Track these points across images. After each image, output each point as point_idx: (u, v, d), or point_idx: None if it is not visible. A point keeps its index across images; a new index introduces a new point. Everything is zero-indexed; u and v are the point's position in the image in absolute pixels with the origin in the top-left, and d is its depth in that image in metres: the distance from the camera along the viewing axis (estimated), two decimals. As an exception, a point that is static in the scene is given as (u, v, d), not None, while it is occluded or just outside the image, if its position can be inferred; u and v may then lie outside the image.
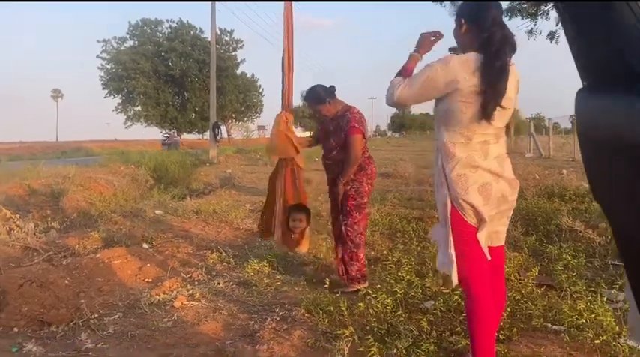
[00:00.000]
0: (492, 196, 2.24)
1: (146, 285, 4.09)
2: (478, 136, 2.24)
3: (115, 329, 3.21)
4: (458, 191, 2.23)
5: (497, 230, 2.40)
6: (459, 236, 2.25)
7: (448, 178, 2.26)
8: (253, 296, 3.77)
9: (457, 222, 2.25)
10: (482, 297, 2.27)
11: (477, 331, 2.27)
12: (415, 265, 4.09)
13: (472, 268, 2.27)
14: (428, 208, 7.01)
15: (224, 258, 4.78)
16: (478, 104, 2.18)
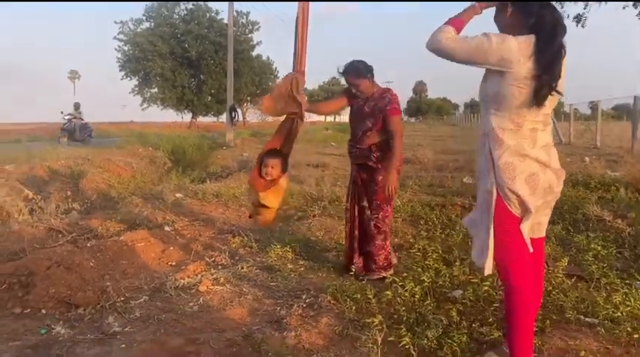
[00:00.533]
0: (539, 186, 2.17)
1: (170, 268, 4.09)
2: (528, 123, 2.17)
3: (142, 313, 3.21)
4: (505, 180, 2.17)
5: (539, 221, 2.33)
6: (501, 226, 2.19)
7: (496, 166, 2.19)
8: (278, 281, 3.76)
9: (501, 211, 2.18)
10: (524, 290, 2.21)
11: (517, 325, 2.21)
12: (441, 252, 4.03)
13: (513, 260, 2.21)
14: (450, 194, 6.92)
15: (246, 242, 4.78)
16: (531, 89, 2.10)
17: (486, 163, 2.24)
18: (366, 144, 3.77)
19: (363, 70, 3.72)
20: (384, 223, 3.79)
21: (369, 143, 3.76)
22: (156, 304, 3.37)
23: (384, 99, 3.72)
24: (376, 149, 3.74)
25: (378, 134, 3.71)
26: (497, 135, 2.20)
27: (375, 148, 3.75)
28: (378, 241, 3.79)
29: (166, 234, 4.93)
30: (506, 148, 2.17)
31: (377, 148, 3.74)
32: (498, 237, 2.22)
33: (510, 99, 2.15)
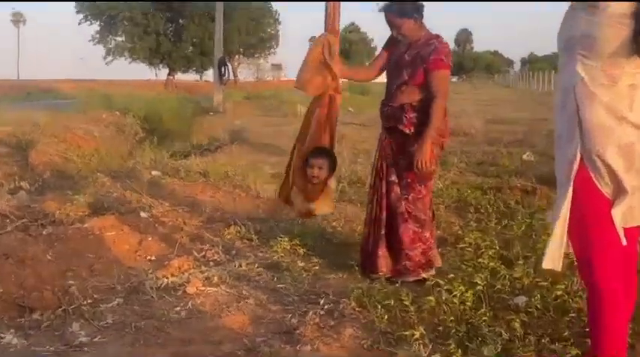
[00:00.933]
0: (636, 160, 2.13)
1: (149, 264, 4.12)
2: (626, 78, 2.13)
3: (115, 319, 3.24)
4: (594, 145, 2.14)
5: (631, 206, 2.29)
6: (585, 208, 2.17)
7: (583, 128, 2.16)
8: (286, 283, 3.78)
9: (585, 187, 2.16)
10: (613, 293, 2.19)
11: (604, 339, 2.20)
12: (498, 248, 4.02)
13: (600, 254, 2.18)
14: (506, 175, 6.90)
15: (244, 234, 4.79)
16: (630, 30, 2.06)
17: (569, 125, 2.20)
18: (398, 102, 3.74)
19: (408, 8, 3.67)
20: (417, 207, 3.77)
21: (402, 101, 3.72)
22: (133, 308, 3.38)
23: (430, 46, 3.67)
24: (410, 109, 3.70)
25: (415, 90, 3.68)
26: (587, 91, 2.16)
27: (409, 107, 3.70)
28: (412, 228, 3.76)
29: (143, 221, 4.95)
30: (598, 106, 2.14)
31: (412, 108, 3.70)
32: (580, 222, 2.19)
33: (603, 44, 2.11)
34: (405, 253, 3.79)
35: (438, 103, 3.60)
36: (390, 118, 3.81)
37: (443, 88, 3.63)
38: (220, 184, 6.68)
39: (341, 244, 4.65)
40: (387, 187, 3.82)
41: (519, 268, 3.59)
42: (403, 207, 3.76)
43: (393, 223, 3.82)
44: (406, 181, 3.75)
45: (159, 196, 5.89)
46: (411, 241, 3.78)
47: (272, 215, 5.54)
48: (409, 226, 3.77)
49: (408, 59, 3.72)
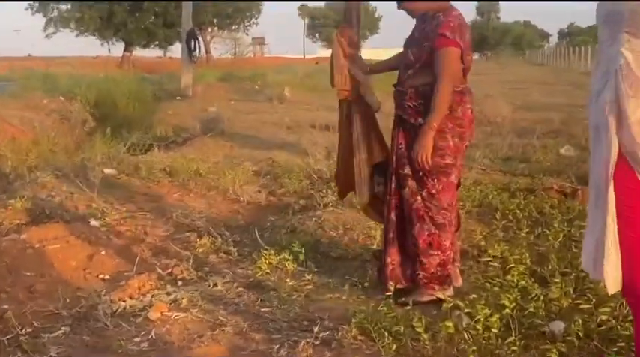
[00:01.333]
0: None
1: (102, 284, 4.12)
2: None
3: (60, 352, 3.23)
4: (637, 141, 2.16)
5: None
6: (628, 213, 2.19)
7: (625, 119, 2.18)
8: (272, 306, 3.79)
9: (628, 187, 2.18)
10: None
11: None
12: (530, 263, 4.04)
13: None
14: (539, 173, 6.93)
15: (220, 245, 4.80)
16: None
17: (608, 115, 2.23)
18: (405, 86, 3.88)
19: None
20: (432, 205, 3.82)
21: (409, 85, 3.85)
22: (82, 338, 3.38)
23: (435, 20, 3.76)
24: (415, 95, 3.80)
25: (422, 72, 3.78)
26: (634, 74, 2.18)
27: (413, 92, 3.81)
28: (427, 230, 3.81)
29: (94, 231, 4.95)
30: None
31: (417, 93, 3.80)
32: (623, 230, 2.22)
33: None
34: (420, 260, 3.84)
35: (439, 86, 3.67)
36: (398, 105, 3.95)
37: (448, 69, 3.69)
38: (190, 184, 6.69)
39: (339, 258, 4.66)
40: (400, 181, 3.92)
41: (555, 288, 3.62)
42: (419, 203, 3.83)
43: (407, 224, 3.90)
44: (418, 175, 3.82)
45: (114, 200, 5.90)
46: (426, 246, 3.82)
47: (254, 222, 5.55)
48: (424, 227, 3.82)
49: (416, 37, 3.88)
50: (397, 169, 3.92)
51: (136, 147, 8.84)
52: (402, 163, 3.89)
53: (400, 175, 3.90)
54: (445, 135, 3.75)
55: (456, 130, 3.79)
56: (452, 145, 3.78)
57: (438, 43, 3.69)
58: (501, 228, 5.08)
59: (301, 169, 7.23)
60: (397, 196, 3.94)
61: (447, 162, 3.79)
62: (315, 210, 5.74)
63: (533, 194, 6.04)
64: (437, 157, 3.75)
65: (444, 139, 3.75)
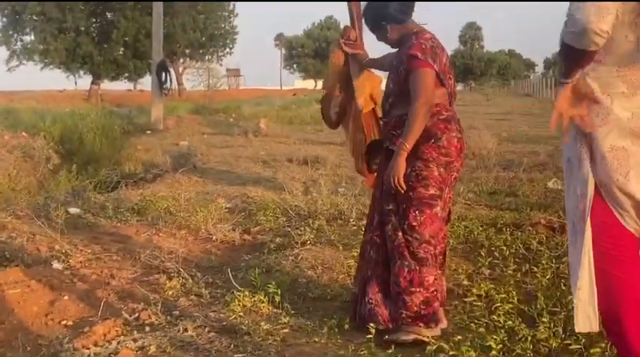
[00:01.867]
0: None
1: (65, 331, 4.06)
2: None
3: (20, 403, 3.19)
4: (612, 174, 2.19)
5: None
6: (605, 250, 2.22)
7: (596, 152, 2.21)
8: (246, 352, 3.74)
9: (605, 224, 2.21)
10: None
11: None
12: (517, 302, 4.05)
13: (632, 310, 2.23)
14: (526, 207, 6.98)
15: (191, 287, 4.77)
16: None
17: (579, 148, 2.26)
18: (389, 116, 3.98)
19: (373, 18, 4.06)
20: (413, 238, 3.81)
21: (395, 114, 3.92)
22: (43, 388, 3.34)
23: (407, 43, 3.87)
24: (398, 124, 3.87)
25: (401, 101, 3.85)
26: (600, 102, 2.22)
27: (396, 122, 3.90)
28: (408, 266, 3.80)
29: (57, 275, 4.91)
30: (614, 123, 2.20)
31: (399, 122, 3.86)
32: (601, 267, 2.24)
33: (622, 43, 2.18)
34: (402, 298, 3.82)
35: (412, 106, 3.71)
36: (385, 137, 4.03)
37: (421, 90, 3.72)
38: (160, 223, 6.66)
39: (318, 299, 4.65)
40: (383, 217, 3.94)
41: (544, 328, 3.62)
42: (400, 239, 3.83)
43: (387, 259, 3.91)
44: (402, 207, 3.84)
45: (78, 241, 5.85)
46: (407, 283, 3.80)
47: (228, 262, 5.53)
48: (405, 263, 3.81)
49: (394, 64, 3.97)
50: (382, 204, 3.94)
51: (102, 184, 8.83)
52: (387, 200, 3.91)
53: (384, 210, 3.92)
54: (429, 164, 3.78)
55: (442, 159, 3.80)
56: (437, 175, 3.80)
57: (411, 64, 3.76)
58: (487, 265, 5.08)
59: (277, 205, 7.23)
60: (379, 232, 3.95)
61: (430, 192, 3.80)
62: (292, 248, 5.73)
63: (521, 229, 6.06)
64: (420, 188, 3.78)
65: (429, 169, 3.78)
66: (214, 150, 13.96)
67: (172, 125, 19.34)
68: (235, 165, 11.62)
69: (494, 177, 9.05)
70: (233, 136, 17.08)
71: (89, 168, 10.81)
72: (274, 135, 17.29)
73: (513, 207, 7.20)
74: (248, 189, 8.73)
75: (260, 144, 15.21)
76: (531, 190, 8.10)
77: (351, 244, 5.74)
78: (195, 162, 11.53)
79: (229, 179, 9.99)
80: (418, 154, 3.79)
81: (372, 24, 4.07)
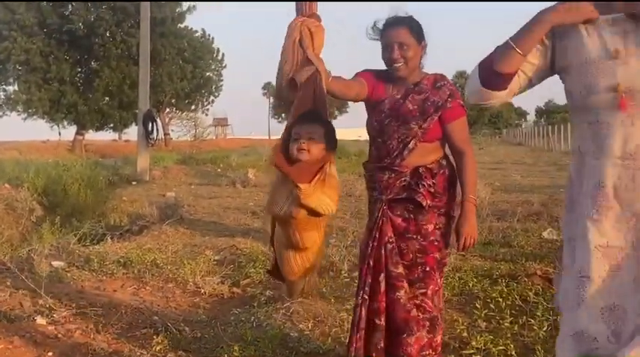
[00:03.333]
0: None
1: (49, 388, 4.02)
2: None
3: None
4: None
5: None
6: None
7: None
8: (237, 410, 3.71)
9: None
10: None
11: None
12: (515, 355, 4.04)
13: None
14: (521, 258, 7.00)
15: (179, 343, 4.72)
16: None
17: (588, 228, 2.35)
18: (409, 164, 3.62)
19: (421, 32, 3.64)
20: (434, 304, 3.66)
21: (415, 163, 3.62)
22: None
23: (442, 89, 3.63)
24: (427, 175, 3.62)
25: (429, 148, 3.64)
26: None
27: (426, 172, 3.62)
28: (423, 334, 3.63)
29: (41, 330, 4.87)
30: None
31: (428, 172, 3.62)
32: None
33: None
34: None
35: (468, 157, 3.62)
36: (397, 189, 3.67)
37: (468, 140, 3.67)
38: (147, 276, 6.63)
39: (310, 354, 4.61)
40: (390, 281, 3.65)
41: (543, 381, 3.62)
42: (414, 307, 3.62)
43: (398, 329, 3.65)
44: (423, 268, 3.63)
45: (62, 296, 5.79)
46: (419, 348, 3.64)
47: (217, 317, 5.49)
48: (423, 333, 3.63)
49: (412, 108, 3.62)
50: (387, 267, 3.64)
51: (87, 237, 8.77)
52: (394, 261, 3.63)
53: (392, 274, 3.63)
54: (450, 221, 3.67)
55: (456, 210, 3.70)
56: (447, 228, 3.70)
57: (458, 112, 3.62)
58: (483, 318, 5.07)
59: (267, 257, 7.19)
60: (385, 298, 3.64)
61: (447, 251, 3.76)
62: (282, 301, 5.69)
63: (516, 281, 6.05)
64: (444, 247, 3.68)
65: (449, 226, 3.68)
66: (202, 201, 13.96)
67: (159, 176, 19.38)
68: (223, 216, 11.62)
69: (487, 227, 9.05)
70: (221, 187, 17.11)
71: (73, 220, 10.75)
72: (263, 185, 17.29)
73: (508, 258, 7.21)
74: (237, 240, 8.71)
75: (249, 194, 15.23)
76: (526, 241, 8.13)
77: (343, 297, 5.73)
78: (182, 213, 11.52)
79: (217, 230, 9.97)
80: (442, 208, 3.63)
81: (417, 35, 3.60)
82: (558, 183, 16.02)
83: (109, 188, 15.47)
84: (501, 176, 18.95)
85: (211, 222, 10.96)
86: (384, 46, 3.61)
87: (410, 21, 3.62)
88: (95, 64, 40.51)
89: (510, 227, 9.10)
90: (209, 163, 23.69)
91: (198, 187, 17.48)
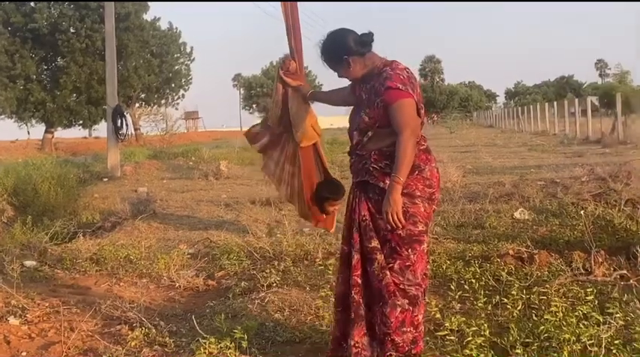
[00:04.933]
0: None
1: (24, 388, 3.99)
2: None
3: None
4: None
5: None
6: None
7: None
8: (214, 401, 3.71)
9: None
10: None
11: None
12: (489, 335, 4.06)
13: None
14: (494, 239, 7.06)
15: (155, 337, 4.71)
16: None
17: None
18: (365, 149, 3.86)
19: (333, 54, 3.98)
20: (406, 278, 3.77)
21: (369, 148, 3.84)
22: None
23: (382, 76, 3.80)
24: (380, 157, 3.80)
25: (383, 133, 3.80)
26: None
27: (377, 154, 3.81)
28: (400, 306, 3.75)
29: (14, 330, 4.84)
30: None
31: (381, 154, 3.81)
32: None
33: None
34: (391, 339, 3.75)
35: (402, 138, 3.66)
36: (359, 171, 3.91)
37: (407, 121, 3.70)
38: (120, 272, 6.62)
39: (286, 343, 4.62)
40: (367, 255, 3.84)
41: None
42: (389, 278, 3.75)
43: (375, 300, 3.80)
44: (390, 245, 3.78)
45: (35, 295, 5.76)
46: (398, 323, 3.74)
47: (192, 309, 5.50)
48: (397, 303, 3.74)
49: (364, 97, 3.89)
50: (362, 242, 3.84)
51: (59, 236, 8.71)
52: (368, 236, 3.82)
53: (366, 248, 3.82)
54: (415, 199, 3.75)
55: (426, 191, 3.79)
56: (422, 211, 3.78)
57: (392, 95, 3.70)
58: (457, 299, 5.10)
59: (242, 249, 7.21)
60: (360, 272, 3.83)
61: (419, 229, 3.77)
62: (258, 291, 5.70)
63: (489, 261, 6.11)
64: (410, 225, 3.73)
65: (415, 205, 3.75)
66: (174, 195, 13.90)
67: (130, 171, 19.24)
68: (197, 209, 11.57)
69: (460, 210, 9.12)
70: (193, 180, 17.04)
71: (45, 219, 10.64)
72: (236, 177, 17.30)
73: (481, 239, 7.28)
74: (211, 233, 8.69)
75: (221, 187, 15.20)
76: (498, 222, 8.18)
77: (318, 284, 5.75)
78: (154, 208, 11.45)
79: (191, 224, 9.94)
80: (404, 189, 3.71)
81: (333, 60, 3.99)
82: (529, 163, 16.23)
83: (79, 186, 15.34)
84: (473, 159, 19.06)
85: (184, 216, 10.92)
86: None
87: (322, 51, 4.07)
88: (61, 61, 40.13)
89: (482, 209, 9.15)
90: (181, 156, 23.57)
91: (170, 181, 17.40)
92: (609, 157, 17.09)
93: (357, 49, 3.89)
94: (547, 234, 7.18)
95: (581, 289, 4.97)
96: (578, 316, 4.16)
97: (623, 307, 4.43)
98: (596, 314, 4.17)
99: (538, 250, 6.27)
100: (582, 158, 17.64)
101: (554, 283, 5.20)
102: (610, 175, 9.57)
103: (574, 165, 14.26)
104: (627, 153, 17.21)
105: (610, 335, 3.85)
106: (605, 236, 6.63)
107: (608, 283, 5.47)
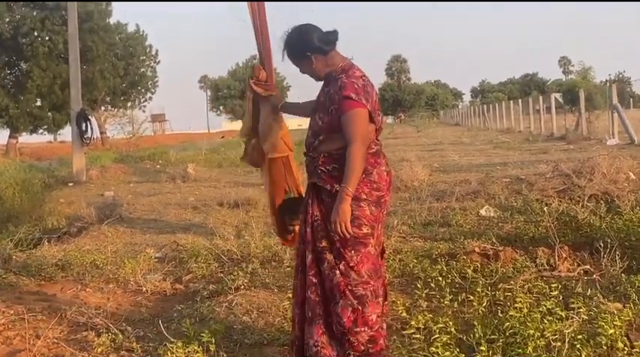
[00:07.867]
0: None
1: (-11, 398, 3.95)
2: None
3: None
4: None
5: None
6: None
7: None
8: (182, 405, 3.70)
9: None
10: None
11: None
12: (455, 332, 4.11)
13: None
14: (460, 236, 7.12)
15: (121, 343, 4.69)
16: None
17: None
18: (317, 152, 3.93)
19: (296, 48, 3.99)
20: (352, 278, 3.80)
21: (324, 150, 3.89)
22: None
23: (337, 83, 3.84)
24: (328, 160, 3.87)
25: (334, 137, 3.84)
26: None
27: (326, 157, 3.87)
28: (350, 306, 3.79)
29: (-22, 338, 4.77)
30: None
31: (329, 158, 3.87)
32: None
33: None
34: (347, 339, 3.79)
35: (351, 149, 3.71)
36: (311, 173, 3.98)
37: (358, 131, 3.73)
38: (87, 278, 6.56)
39: (254, 345, 4.63)
40: (317, 255, 3.88)
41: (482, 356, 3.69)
42: (339, 277, 3.80)
43: (329, 300, 3.84)
44: (335, 246, 3.82)
45: (0, 302, 5.70)
46: (351, 323, 3.78)
47: (159, 314, 5.47)
48: (347, 303, 3.78)
49: (322, 100, 3.93)
50: (314, 242, 3.89)
51: (24, 242, 8.62)
52: (319, 236, 3.87)
53: (317, 248, 3.87)
54: (360, 203, 3.78)
55: (373, 194, 3.82)
56: (368, 214, 3.81)
57: (344, 106, 3.73)
58: (424, 297, 5.13)
59: (209, 252, 7.19)
60: (314, 271, 3.88)
61: (364, 232, 3.81)
62: (225, 294, 5.70)
63: (455, 259, 6.16)
64: (354, 227, 3.76)
65: (360, 208, 3.78)
66: (141, 198, 13.80)
67: (96, 175, 19.08)
68: (164, 213, 11.52)
69: (427, 208, 9.19)
70: (160, 183, 16.94)
71: (9, 225, 10.57)
72: (203, 179, 17.23)
73: (447, 237, 7.34)
74: (178, 237, 8.66)
75: (189, 189, 15.12)
76: (464, 219, 8.26)
77: (286, 286, 5.75)
78: (121, 212, 11.39)
79: (158, 228, 9.90)
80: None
81: (295, 55, 4.01)
82: (494, 161, 16.37)
83: (44, 191, 15.22)
84: (439, 157, 19.21)
85: (152, 219, 10.87)
86: None
87: (286, 44, 4.07)
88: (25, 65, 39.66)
89: (449, 207, 9.23)
90: (148, 160, 23.45)
91: (137, 184, 17.27)
92: (573, 153, 17.27)
93: (321, 46, 3.91)
94: (512, 231, 7.27)
95: (545, 285, 5.05)
96: (542, 312, 4.22)
97: (586, 302, 4.51)
98: (560, 309, 4.24)
99: (503, 246, 6.35)
100: (547, 155, 17.83)
101: (519, 279, 5.27)
102: (574, 171, 9.70)
103: (539, 162, 14.47)
104: (591, 149, 17.39)
105: (573, 330, 3.91)
106: (569, 232, 6.74)
107: (572, 279, 5.57)
